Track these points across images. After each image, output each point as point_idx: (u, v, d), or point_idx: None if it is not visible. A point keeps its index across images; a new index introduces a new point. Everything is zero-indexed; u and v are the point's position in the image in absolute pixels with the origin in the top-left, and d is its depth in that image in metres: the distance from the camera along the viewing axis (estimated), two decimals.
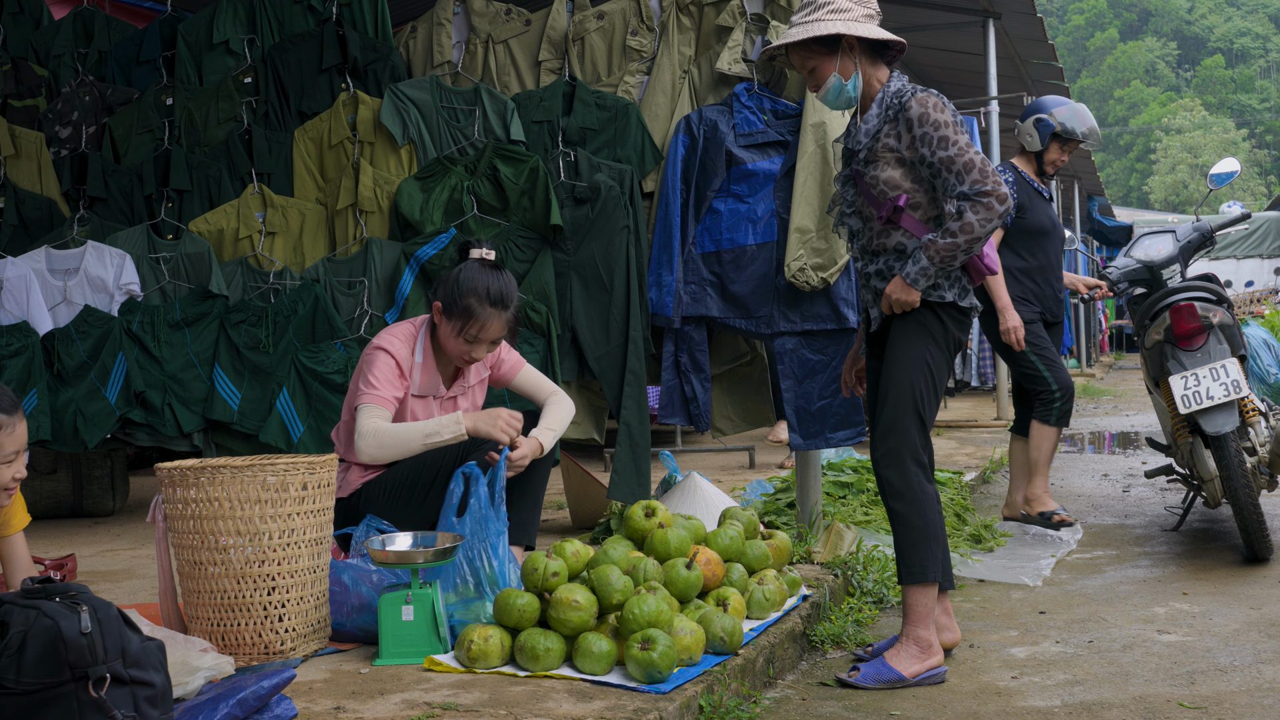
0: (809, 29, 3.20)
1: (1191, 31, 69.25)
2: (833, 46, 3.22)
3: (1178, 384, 4.56)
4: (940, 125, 3.12)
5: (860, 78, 3.24)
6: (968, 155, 3.10)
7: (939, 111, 3.14)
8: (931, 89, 3.23)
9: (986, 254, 3.29)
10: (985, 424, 9.71)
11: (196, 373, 5.00)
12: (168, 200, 5.28)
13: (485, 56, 5.15)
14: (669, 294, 4.57)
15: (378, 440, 3.50)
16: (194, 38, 5.49)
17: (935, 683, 3.18)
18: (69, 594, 2.15)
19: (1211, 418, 4.51)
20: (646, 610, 2.88)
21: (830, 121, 4.36)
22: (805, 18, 3.23)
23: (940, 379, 3.26)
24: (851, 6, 3.22)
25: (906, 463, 3.18)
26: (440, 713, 2.57)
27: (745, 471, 6.78)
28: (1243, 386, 4.47)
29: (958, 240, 3.09)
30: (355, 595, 3.18)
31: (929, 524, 3.17)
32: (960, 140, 3.12)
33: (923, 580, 3.16)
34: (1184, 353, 4.63)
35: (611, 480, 4.60)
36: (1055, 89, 11.75)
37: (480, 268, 3.65)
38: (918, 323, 3.22)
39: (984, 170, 3.10)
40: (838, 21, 3.18)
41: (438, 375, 3.72)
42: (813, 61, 3.25)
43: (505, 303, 3.62)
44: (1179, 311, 4.63)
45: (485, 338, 3.63)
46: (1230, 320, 4.68)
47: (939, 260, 3.12)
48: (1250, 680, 3.17)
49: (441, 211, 4.87)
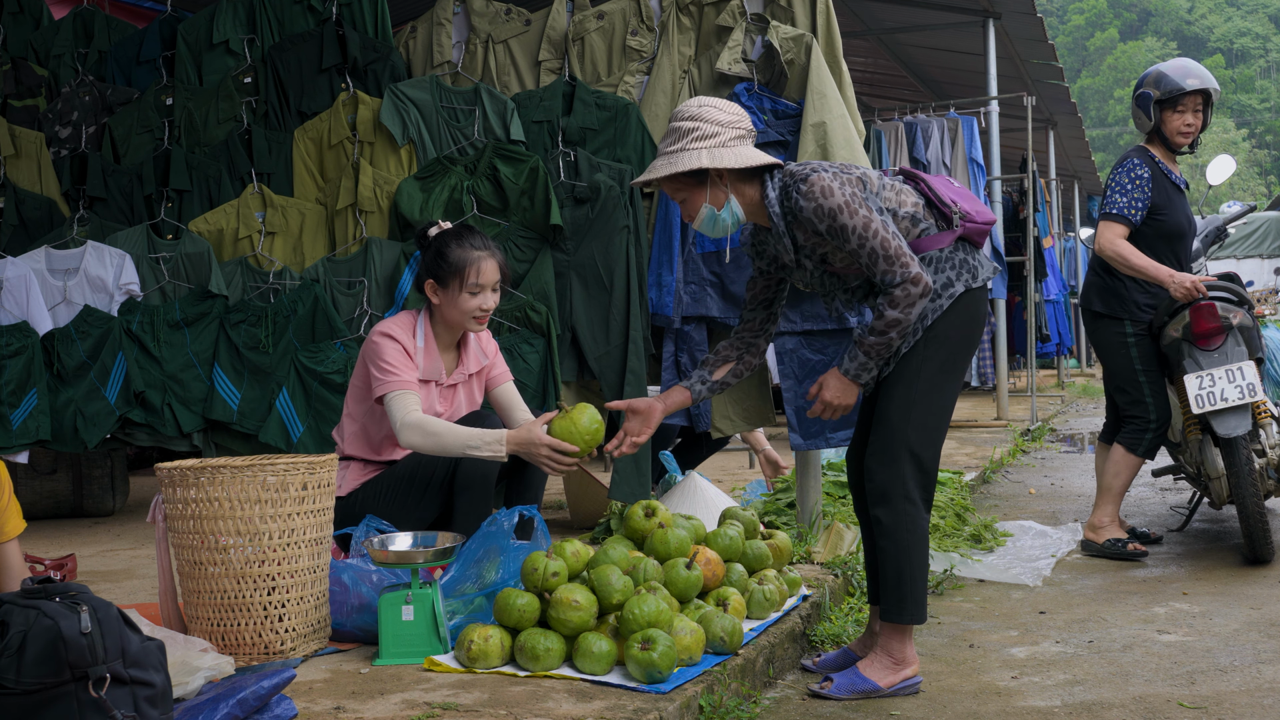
0: (672, 162, 3.01)
1: (1191, 31, 69.23)
2: (701, 177, 3.04)
3: (1192, 383, 4.52)
4: (836, 214, 2.95)
5: (735, 203, 3.06)
6: (870, 245, 2.95)
7: (827, 197, 2.96)
8: (811, 167, 3.05)
9: (973, 213, 3.13)
10: (985, 424, 9.70)
11: (196, 373, 5.00)
12: (168, 200, 5.28)
13: (485, 56, 5.15)
14: (669, 294, 4.57)
15: (423, 435, 3.48)
16: (194, 38, 5.50)
17: (910, 693, 3.12)
18: (69, 594, 2.15)
19: (1224, 420, 4.47)
20: (646, 610, 2.88)
21: (831, 121, 4.36)
22: (670, 147, 3.04)
23: (949, 393, 3.13)
24: (719, 130, 3.02)
25: (895, 502, 3.07)
26: (440, 713, 2.57)
27: (745, 471, 6.78)
28: (1258, 390, 4.44)
29: (889, 335, 2.99)
30: (355, 595, 3.18)
31: (913, 566, 3.08)
32: (857, 224, 2.94)
33: (899, 621, 3.12)
34: (1201, 352, 4.57)
35: (612, 480, 4.60)
36: (1055, 89, 11.76)
37: (448, 233, 3.74)
38: (918, 356, 3.09)
39: (889, 257, 2.94)
40: (703, 151, 2.99)
41: (439, 361, 3.74)
42: (683, 193, 3.07)
43: (488, 245, 3.71)
44: (1199, 310, 4.57)
45: (486, 281, 3.68)
46: (1250, 323, 4.63)
47: (875, 355, 3.03)
48: (1250, 680, 3.17)
49: (441, 211, 4.87)
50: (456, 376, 3.79)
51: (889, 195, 3.10)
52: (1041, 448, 8.95)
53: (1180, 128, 4.80)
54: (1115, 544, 4.81)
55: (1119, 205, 4.75)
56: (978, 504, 6.19)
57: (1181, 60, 4.90)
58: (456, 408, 3.80)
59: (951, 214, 3.10)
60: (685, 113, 3.05)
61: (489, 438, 3.44)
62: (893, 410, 3.08)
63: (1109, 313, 4.87)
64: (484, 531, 3.29)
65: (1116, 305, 4.85)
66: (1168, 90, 4.79)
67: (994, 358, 10.83)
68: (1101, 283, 4.89)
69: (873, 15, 9.51)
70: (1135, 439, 4.87)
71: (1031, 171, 10.01)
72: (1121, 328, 4.86)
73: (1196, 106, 4.81)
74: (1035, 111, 10.97)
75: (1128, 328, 4.84)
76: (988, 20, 9.51)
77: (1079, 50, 65.88)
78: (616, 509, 4.55)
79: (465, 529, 3.49)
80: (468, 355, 3.83)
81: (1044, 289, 12.76)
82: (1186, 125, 4.80)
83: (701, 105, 3.05)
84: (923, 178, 3.19)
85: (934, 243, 3.10)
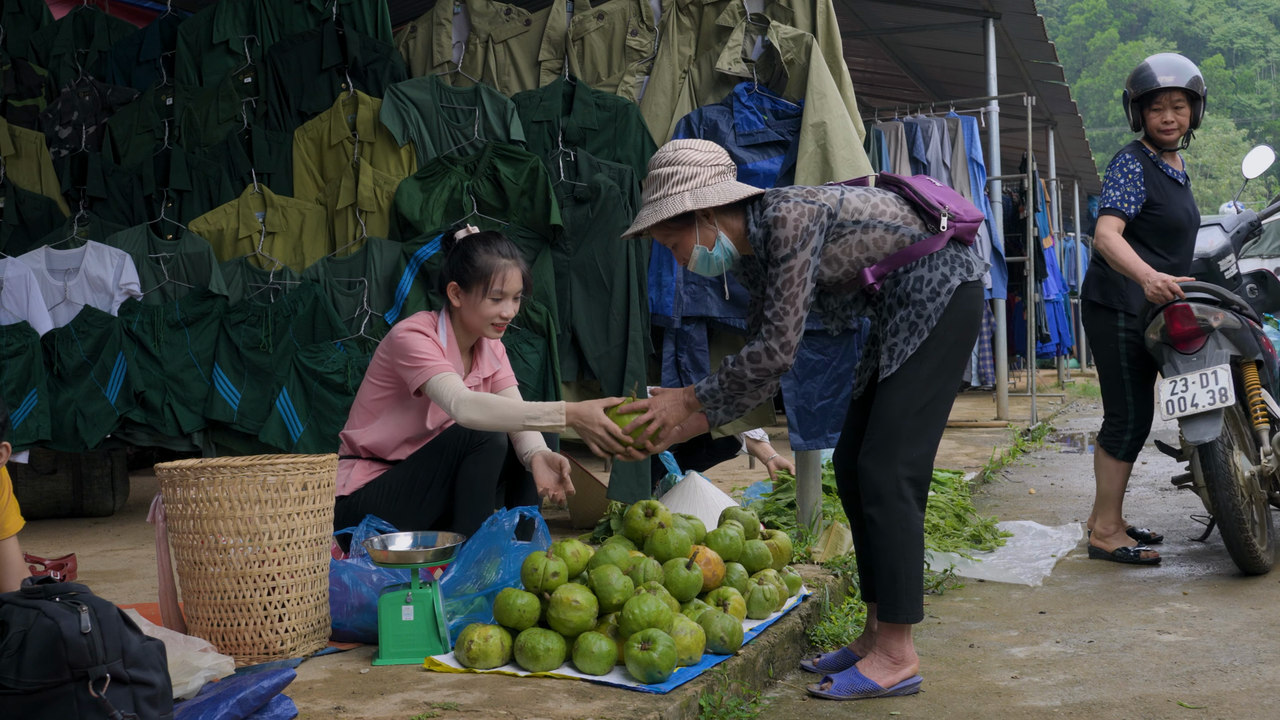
0: (657, 210, 3.04)
1: (1191, 31, 69.22)
2: (688, 220, 3.07)
3: (1165, 388, 4.42)
4: (779, 245, 2.97)
5: (725, 239, 3.10)
6: (779, 284, 2.98)
7: (779, 228, 2.98)
8: (781, 197, 3.05)
9: (961, 212, 3.13)
10: (985, 424, 9.70)
11: (196, 373, 5.00)
12: (168, 200, 5.28)
13: (485, 56, 5.15)
14: (669, 294, 4.57)
15: (480, 408, 3.44)
16: (194, 38, 5.50)
17: (910, 693, 3.12)
18: (69, 594, 2.15)
19: (1194, 425, 4.33)
20: (646, 610, 2.88)
21: (831, 121, 4.36)
22: (653, 195, 3.07)
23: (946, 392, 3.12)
24: (698, 170, 3.04)
25: (889, 501, 3.06)
26: (440, 713, 2.57)
27: (745, 471, 6.78)
28: (1230, 395, 4.28)
29: (743, 369, 3.01)
30: (355, 595, 3.18)
31: (908, 565, 3.08)
32: (788, 269, 2.97)
33: (895, 620, 3.12)
34: (1181, 356, 4.46)
35: (611, 480, 4.60)
36: (1055, 89, 11.76)
37: (476, 238, 3.76)
38: (918, 356, 3.07)
39: (782, 311, 2.97)
40: (685, 195, 3.02)
41: (461, 361, 3.77)
42: (673, 238, 3.11)
43: (514, 254, 3.74)
44: (1174, 312, 4.44)
45: (509, 290, 3.70)
46: (1237, 324, 4.46)
47: (726, 385, 3.05)
48: (1250, 680, 3.17)
49: (441, 211, 4.87)
50: (471, 379, 3.80)
51: (862, 208, 3.07)
52: (1041, 448, 8.95)
53: (1159, 125, 4.72)
54: (1126, 552, 4.77)
55: (1112, 199, 4.70)
56: (978, 504, 6.19)
57: (1165, 56, 4.82)
58: None
59: (940, 215, 3.09)
60: (662, 159, 3.08)
61: (548, 408, 3.36)
62: (890, 409, 3.08)
63: (1105, 303, 4.81)
64: (484, 532, 3.29)
65: (1114, 297, 4.79)
66: (1141, 88, 4.74)
67: (994, 358, 10.83)
68: (1101, 274, 4.86)
69: (873, 15, 9.51)
70: (1114, 441, 4.84)
71: (1031, 171, 10.01)
72: (1115, 320, 4.79)
73: (1176, 103, 4.70)
74: (1035, 111, 10.97)
75: (1121, 321, 4.78)
76: (988, 20, 9.51)
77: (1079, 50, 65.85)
78: (616, 509, 4.55)
79: (466, 529, 3.49)
80: (482, 360, 3.85)
81: (1044, 289, 12.77)
82: (1165, 123, 4.71)
83: (677, 149, 3.08)
84: (905, 182, 3.17)
85: (927, 247, 3.08)
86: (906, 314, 3.08)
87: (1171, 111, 4.71)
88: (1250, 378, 4.55)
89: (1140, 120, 4.80)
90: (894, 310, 3.10)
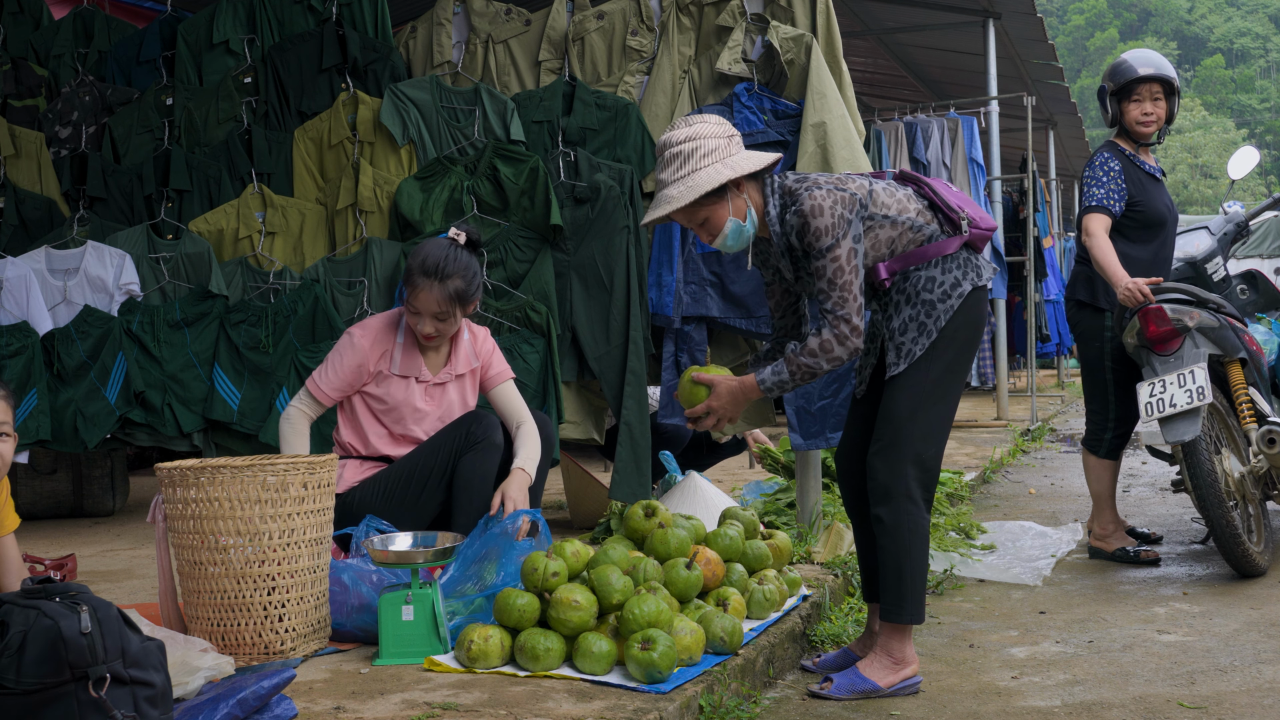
0: (693, 185, 2.93)
1: (1191, 31, 69.21)
2: (720, 192, 2.98)
3: (1144, 390, 4.39)
4: (821, 235, 2.94)
5: (753, 210, 3.03)
6: (829, 273, 2.95)
7: (816, 217, 2.95)
8: (809, 184, 3.03)
9: (977, 219, 3.14)
10: (985, 424, 9.71)
11: (196, 373, 5.00)
12: (168, 200, 5.28)
13: (485, 56, 5.15)
14: (669, 294, 4.57)
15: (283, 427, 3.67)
16: (194, 38, 5.49)
17: (910, 693, 3.12)
18: (69, 594, 2.15)
19: (1174, 425, 4.30)
20: (646, 610, 2.88)
21: (831, 121, 4.35)
22: (678, 173, 2.95)
23: (954, 393, 3.13)
24: (718, 143, 2.97)
25: (897, 500, 3.07)
26: (440, 713, 2.57)
27: (745, 471, 6.78)
28: (1206, 393, 4.25)
29: (818, 360, 2.97)
30: (355, 595, 3.18)
31: (913, 566, 3.08)
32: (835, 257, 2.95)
33: (898, 620, 3.12)
34: (1159, 358, 4.43)
35: (612, 480, 4.60)
36: (1055, 89, 11.76)
37: (436, 242, 3.67)
38: (928, 356, 3.08)
39: (842, 300, 2.95)
40: (718, 165, 2.94)
41: (419, 358, 3.73)
42: (704, 213, 2.99)
43: (440, 274, 3.56)
44: (1147, 315, 4.41)
45: (424, 309, 3.61)
46: (1215, 322, 4.44)
47: (799, 377, 3.01)
48: (1250, 680, 3.17)
49: (441, 211, 4.87)
50: (444, 375, 3.78)
51: (889, 202, 3.08)
52: (1041, 448, 8.96)
53: (1139, 117, 4.71)
54: (1126, 552, 4.76)
55: (1097, 197, 4.67)
56: (978, 504, 6.19)
57: (1141, 50, 4.81)
58: (447, 407, 3.78)
59: (959, 220, 3.12)
60: (678, 136, 2.99)
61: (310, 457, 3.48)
62: (899, 409, 3.08)
63: (1091, 302, 4.79)
64: (484, 532, 3.29)
65: (1101, 296, 4.76)
66: (1119, 80, 4.72)
67: (994, 358, 10.82)
68: (1088, 273, 4.83)
69: (873, 15, 9.51)
70: (1095, 440, 4.84)
71: (1031, 171, 10.01)
72: (1101, 320, 4.77)
73: (1155, 95, 4.71)
74: (1035, 111, 10.97)
75: (1107, 320, 4.75)
76: (988, 20, 9.51)
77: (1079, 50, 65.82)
78: (616, 509, 4.55)
79: (464, 527, 3.49)
80: (458, 356, 3.81)
81: (1044, 289, 12.76)
82: (1144, 114, 4.71)
83: (690, 124, 3.01)
84: (925, 181, 3.18)
85: (941, 248, 3.10)
86: (915, 313, 3.08)
87: (1150, 103, 4.71)
88: (1235, 376, 4.52)
89: (1118, 114, 4.80)
90: (900, 307, 3.11)
